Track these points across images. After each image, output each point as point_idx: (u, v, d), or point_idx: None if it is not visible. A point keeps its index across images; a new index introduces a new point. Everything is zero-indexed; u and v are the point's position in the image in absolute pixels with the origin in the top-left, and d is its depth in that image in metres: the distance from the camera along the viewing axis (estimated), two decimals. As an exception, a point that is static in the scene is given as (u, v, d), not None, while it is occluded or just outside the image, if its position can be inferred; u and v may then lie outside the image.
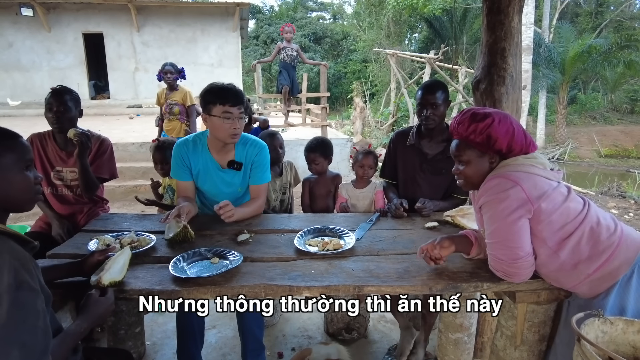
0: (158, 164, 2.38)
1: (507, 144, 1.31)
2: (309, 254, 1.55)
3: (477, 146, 1.34)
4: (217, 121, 1.80)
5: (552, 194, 1.24)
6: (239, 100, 1.82)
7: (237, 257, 1.48)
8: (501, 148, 1.32)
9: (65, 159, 2.18)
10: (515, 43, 1.97)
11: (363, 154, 2.33)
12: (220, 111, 1.79)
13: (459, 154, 1.38)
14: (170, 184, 2.34)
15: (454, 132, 1.39)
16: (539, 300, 1.36)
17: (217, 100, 1.79)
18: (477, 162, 1.36)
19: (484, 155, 1.35)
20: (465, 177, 1.39)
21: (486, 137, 1.31)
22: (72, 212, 2.23)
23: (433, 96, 2.02)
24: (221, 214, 1.77)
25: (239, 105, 1.81)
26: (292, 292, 1.31)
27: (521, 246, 1.24)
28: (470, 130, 1.32)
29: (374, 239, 1.72)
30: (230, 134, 1.83)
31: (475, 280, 1.35)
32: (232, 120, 1.80)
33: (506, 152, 1.33)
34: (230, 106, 1.79)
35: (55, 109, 2.07)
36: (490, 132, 1.30)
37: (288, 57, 6.17)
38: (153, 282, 1.35)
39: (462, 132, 1.34)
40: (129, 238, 1.63)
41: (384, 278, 1.35)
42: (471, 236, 1.45)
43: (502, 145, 1.31)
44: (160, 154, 2.36)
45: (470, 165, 1.37)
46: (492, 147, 1.32)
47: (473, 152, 1.35)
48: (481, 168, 1.36)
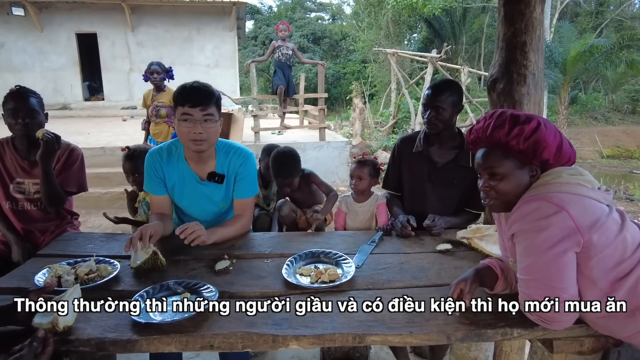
0: (130, 175, 2.09)
1: (556, 153, 1.07)
2: (299, 288, 1.30)
3: (518, 155, 1.10)
4: (177, 124, 1.57)
5: (605, 222, 0.98)
6: (202, 100, 1.54)
7: (212, 293, 1.22)
8: (549, 158, 1.08)
9: (28, 169, 1.92)
10: (537, 37, 1.72)
11: (355, 163, 2.07)
12: (180, 113, 1.55)
13: (493, 165, 1.12)
14: (145, 198, 2.07)
15: (483, 138, 1.14)
16: (582, 350, 1.11)
17: (177, 100, 1.56)
18: (516, 175, 1.11)
19: (524, 167, 1.11)
20: (500, 195, 1.13)
21: (533, 143, 1.06)
22: (35, 230, 1.97)
23: (438, 98, 1.79)
24: (183, 238, 1.49)
25: (201, 106, 1.54)
26: (276, 343, 1.05)
27: (565, 287, 0.99)
28: (514, 135, 1.07)
29: (377, 266, 1.46)
30: (190, 139, 1.56)
31: (502, 326, 1.09)
32: (191, 123, 1.54)
33: (552, 163, 1.09)
34: (189, 107, 1.53)
35: (22, 115, 1.80)
36: (539, 138, 1.06)
37: (283, 56, 5.91)
38: (107, 327, 1.10)
39: (501, 137, 1.09)
40: (87, 267, 1.38)
41: (390, 323, 1.10)
42: (496, 268, 1.19)
43: (550, 154, 1.07)
44: (131, 164, 2.07)
45: (507, 179, 1.11)
46: (539, 156, 1.08)
47: (512, 163, 1.11)
48: (520, 183, 1.11)
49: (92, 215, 4.43)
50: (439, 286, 1.31)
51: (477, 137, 1.16)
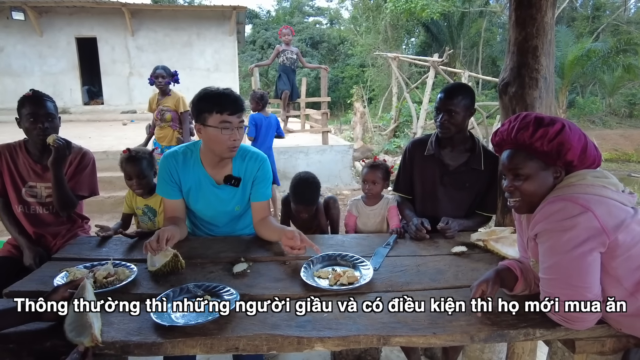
0: (133, 179, 1.95)
1: (580, 154, 1.09)
2: (318, 290, 1.30)
3: (542, 157, 1.11)
4: (214, 132, 1.55)
5: (630, 223, 1.00)
6: (239, 107, 1.57)
7: (233, 296, 1.23)
8: (573, 159, 1.09)
9: (41, 173, 1.92)
10: (548, 41, 1.74)
11: (367, 167, 2.08)
12: (217, 121, 1.54)
13: (518, 167, 1.14)
14: (148, 203, 2.01)
15: (508, 140, 1.16)
16: (603, 350, 1.12)
17: (213, 108, 1.54)
18: (541, 176, 1.12)
19: (548, 169, 1.12)
20: (524, 196, 1.14)
21: (557, 144, 1.08)
22: (47, 234, 1.96)
23: (451, 101, 1.80)
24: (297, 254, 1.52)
25: (238, 113, 1.57)
26: (301, 345, 1.05)
27: (589, 286, 1.00)
28: (538, 136, 1.09)
29: (395, 268, 1.47)
30: (228, 146, 1.58)
31: (524, 326, 1.10)
32: (231, 131, 1.56)
33: (576, 165, 1.11)
34: (228, 115, 1.54)
35: (41, 119, 1.78)
36: (563, 139, 1.07)
37: (288, 60, 5.93)
38: (130, 330, 1.10)
39: (526, 139, 1.11)
40: (105, 270, 1.37)
41: (413, 324, 1.10)
42: (516, 269, 1.20)
43: (575, 156, 1.09)
44: (133, 166, 1.94)
45: (531, 180, 1.13)
46: (563, 157, 1.09)
47: (536, 164, 1.12)
48: (544, 184, 1.13)
49: (96, 219, 4.41)
50: (458, 288, 1.32)
51: (502, 139, 1.17)
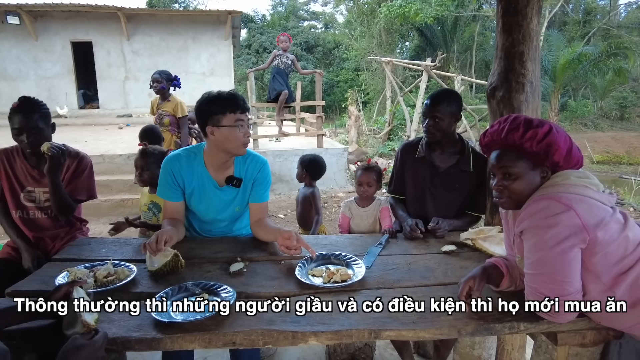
0: (138, 169, 2.15)
1: (566, 155, 1.15)
2: (312, 288, 1.35)
3: (531, 157, 1.17)
4: (229, 131, 1.64)
5: (609, 221, 1.06)
6: (247, 107, 1.70)
7: (230, 294, 1.27)
8: (559, 160, 1.15)
9: (38, 178, 1.94)
10: (534, 47, 1.80)
11: (362, 169, 2.14)
12: (232, 120, 1.63)
13: (508, 166, 1.19)
14: (153, 200, 2.10)
15: (498, 141, 1.21)
16: (584, 342, 1.17)
17: (227, 108, 1.63)
18: (529, 176, 1.18)
19: (536, 169, 1.18)
20: (512, 194, 1.20)
21: (546, 145, 1.14)
22: (46, 237, 1.99)
23: (436, 108, 1.87)
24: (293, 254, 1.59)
25: (247, 111, 1.70)
26: (295, 339, 1.10)
27: (571, 280, 1.05)
28: (528, 137, 1.15)
29: (386, 266, 1.52)
30: (243, 142, 1.69)
31: (509, 320, 1.16)
32: (244, 129, 1.67)
33: (562, 165, 1.17)
34: (241, 113, 1.65)
35: (25, 134, 1.78)
36: (551, 140, 1.13)
37: (282, 63, 6.00)
38: (131, 327, 1.14)
39: (516, 139, 1.16)
40: (105, 270, 1.41)
41: (403, 319, 1.15)
42: (502, 266, 1.26)
43: (561, 157, 1.15)
44: (142, 160, 2.11)
45: (520, 179, 1.18)
46: (551, 158, 1.15)
47: (525, 164, 1.18)
48: (532, 183, 1.18)
49: (92, 222, 4.41)
50: (447, 285, 1.37)
51: (491, 140, 1.23)
